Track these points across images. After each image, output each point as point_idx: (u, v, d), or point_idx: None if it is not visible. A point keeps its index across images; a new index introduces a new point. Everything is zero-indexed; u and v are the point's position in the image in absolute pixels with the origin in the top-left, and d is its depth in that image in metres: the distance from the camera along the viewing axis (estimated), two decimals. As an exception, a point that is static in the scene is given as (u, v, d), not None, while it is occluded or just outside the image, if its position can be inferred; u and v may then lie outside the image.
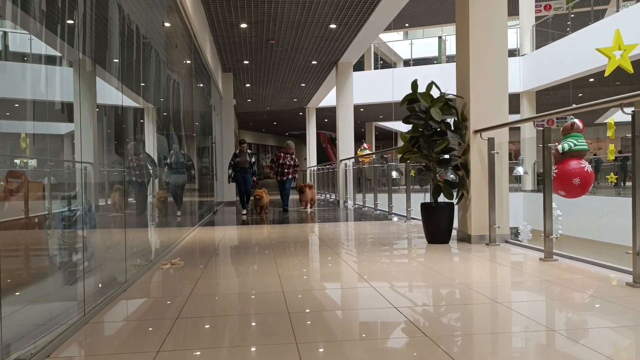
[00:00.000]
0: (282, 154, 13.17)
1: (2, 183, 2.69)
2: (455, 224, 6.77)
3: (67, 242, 3.96)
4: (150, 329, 3.25)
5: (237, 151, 12.63)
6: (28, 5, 3.11)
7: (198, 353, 2.79)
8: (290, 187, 13.44)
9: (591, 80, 18.81)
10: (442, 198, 6.58)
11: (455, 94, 6.77)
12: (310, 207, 13.51)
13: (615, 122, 6.67)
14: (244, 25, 12.26)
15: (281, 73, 17.67)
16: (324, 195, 19.59)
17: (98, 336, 3.19)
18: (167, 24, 7.67)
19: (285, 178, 13.19)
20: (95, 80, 4.48)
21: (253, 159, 12.62)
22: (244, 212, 12.40)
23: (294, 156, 13.31)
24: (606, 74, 6.25)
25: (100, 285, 4.05)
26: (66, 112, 3.90)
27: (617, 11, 17.14)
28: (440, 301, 3.90)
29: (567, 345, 2.81)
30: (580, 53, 16.61)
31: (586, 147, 6.53)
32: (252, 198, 12.47)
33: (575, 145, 6.39)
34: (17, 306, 2.87)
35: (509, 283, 4.61)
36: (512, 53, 20.42)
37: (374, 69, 26.39)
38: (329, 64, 16.59)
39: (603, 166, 19.76)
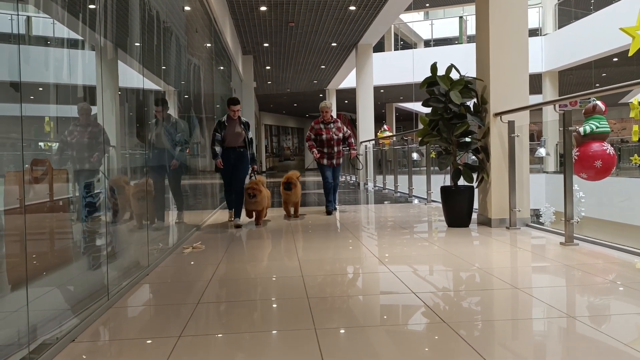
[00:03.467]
0: (322, 124, 8.43)
1: (27, 174, 2.73)
2: (476, 206, 6.75)
3: (90, 226, 4.03)
4: (172, 312, 3.31)
5: (224, 118, 7.40)
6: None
7: (219, 337, 2.84)
8: (340, 173, 8.84)
9: (615, 59, 18.47)
10: (462, 181, 6.56)
11: (475, 76, 6.71)
12: (296, 215, 8.11)
13: (639, 103, 6.58)
14: (263, 8, 12.22)
15: (301, 55, 17.62)
16: (344, 177, 19.59)
17: (121, 320, 3.26)
18: (187, 8, 7.68)
19: (335, 162, 8.48)
20: (117, 64, 4.52)
21: (250, 134, 7.56)
22: (237, 220, 7.36)
23: (339, 124, 8.58)
24: (630, 54, 6.14)
25: (123, 269, 4.11)
26: (89, 96, 3.95)
27: (643, -11, 16.76)
28: (459, 286, 3.91)
29: (587, 332, 2.81)
30: (603, 32, 16.30)
31: (608, 129, 6.44)
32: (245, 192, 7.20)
33: (597, 127, 6.31)
34: (43, 291, 2.94)
35: (529, 268, 4.60)
36: (535, 33, 20.10)
37: (394, 49, 26.15)
38: (349, 45, 16.49)
39: (627, 147, 19.45)
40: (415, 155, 12.84)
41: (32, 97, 3.29)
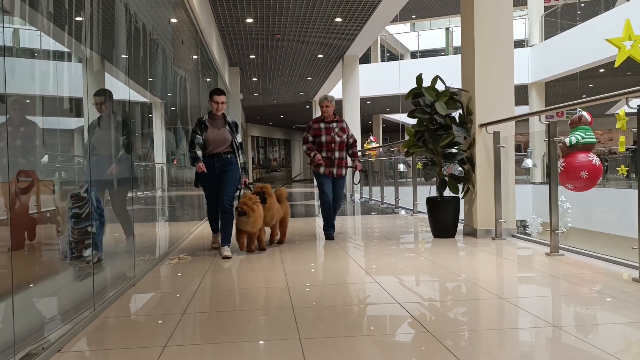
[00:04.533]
0: (322, 123, 6.80)
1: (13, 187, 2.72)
2: (462, 217, 6.79)
3: (76, 237, 4.01)
4: (158, 322, 3.29)
5: (205, 117, 5.99)
6: (37, 3, 3.14)
7: (205, 346, 2.83)
8: (343, 188, 7.17)
9: (601, 70, 18.68)
10: (448, 192, 6.59)
11: (460, 87, 6.77)
12: (280, 240, 6.48)
13: (626, 114, 6.66)
14: (249, 20, 12.25)
15: (287, 67, 17.66)
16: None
17: (107, 331, 3.24)
18: (173, 20, 7.69)
19: (337, 172, 6.78)
20: (103, 76, 4.52)
21: (239, 137, 6.08)
22: (225, 250, 5.65)
23: (344, 124, 6.99)
24: (616, 65, 6.23)
25: (109, 280, 4.09)
26: (75, 107, 3.94)
27: (628, 0, 17.00)
28: (445, 296, 3.92)
29: (572, 342, 2.83)
30: (590, 43, 16.48)
31: (594, 139, 6.51)
32: (235, 211, 5.71)
33: (583, 138, 6.38)
34: (29, 302, 2.92)
35: (514, 278, 4.62)
36: (521, 44, 20.29)
37: (381, 61, 26.31)
38: (335, 57, 16.56)
39: (614, 158, 19.63)
40: (401, 167, 12.90)
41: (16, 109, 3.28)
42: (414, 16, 27.95)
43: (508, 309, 3.47)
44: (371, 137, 19.61)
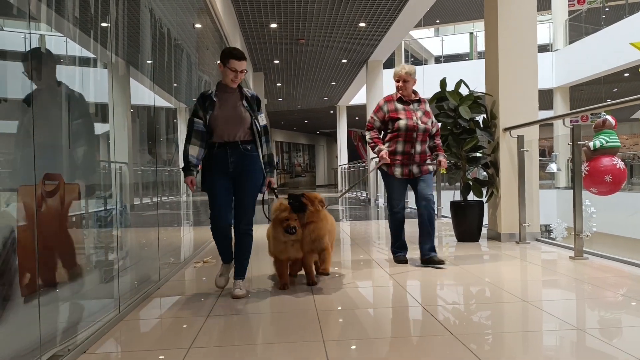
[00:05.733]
0: (401, 104, 5.08)
1: (40, 191, 2.77)
2: (485, 222, 6.74)
3: (102, 241, 4.07)
4: (183, 325, 3.33)
5: (212, 90, 4.14)
6: (62, 9, 3.21)
7: (229, 348, 2.86)
8: (431, 185, 5.30)
9: (626, 75, 18.44)
10: (472, 196, 6.56)
11: (484, 91, 6.74)
12: (323, 272, 4.42)
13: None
14: (274, 25, 12.33)
15: (311, 72, 17.73)
16: (355, 193, 19.57)
17: (132, 333, 3.29)
18: (197, 26, 7.78)
19: (416, 171, 5.09)
20: (129, 81, 4.59)
21: (263, 118, 4.21)
22: (239, 287, 4.05)
23: (427, 106, 5.21)
24: (641, 69, 6.15)
25: (134, 283, 4.15)
26: (100, 113, 4.01)
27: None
28: (469, 300, 3.90)
29: (598, 345, 2.80)
30: (614, 47, 16.28)
31: (619, 143, 6.44)
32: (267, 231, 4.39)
33: (607, 142, 6.32)
34: (55, 304, 2.98)
35: (538, 282, 4.58)
36: (545, 48, 20.09)
37: (405, 66, 26.23)
38: (359, 62, 16.58)
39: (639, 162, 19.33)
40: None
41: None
42: (438, 21, 27.84)
43: (532, 312, 3.44)
44: (395, 142, 19.54)
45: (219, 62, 4.11)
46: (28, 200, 2.56)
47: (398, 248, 5.31)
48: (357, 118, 28.64)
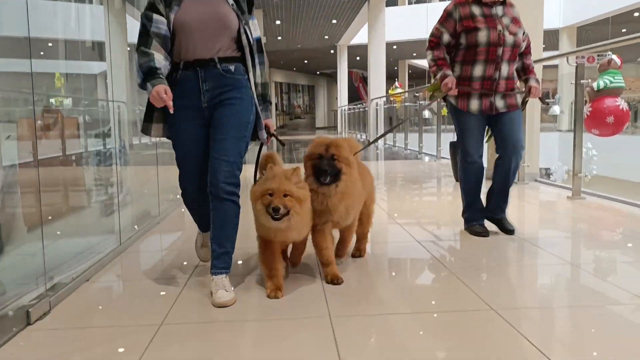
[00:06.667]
0: (478, 7, 3.61)
1: (40, 122, 2.77)
2: (485, 163, 6.74)
3: (102, 177, 4.10)
4: (182, 257, 3.37)
5: None
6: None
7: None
8: (521, 126, 3.77)
9: (636, 14, 18.09)
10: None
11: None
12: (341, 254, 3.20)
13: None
14: (274, -39, 12.05)
15: (312, 9, 17.41)
16: (355, 135, 19.54)
17: (133, 264, 3.35)
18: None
19: (504, 105, 3.67)
20: (125, 18, 4.50)
21: (254, 26, 2.79)
22: (219, 285, 2.55)
23: (515, 11, 3.74)
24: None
25: (134, 217, 4.20)
26: (97, 51, 3.96)
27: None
28: (467, 238, 3.94)
29: (592, 280, 2.85)
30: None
31: (623, 84, 6.37)
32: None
33: (611, 82, 6.24)
34: (59, 236, 3.02)
35: (535, 220, 4.63)
36: (552, -15, 19.64)
37: (408, 4, 25.74)
38: (361, -1, 16.27)
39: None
40: (426, 113, 12.76)
41: (42, 53, 3.31)
42: (442, -42, 27.15)
43: (528, 248, 3.48)
44: (396, 83, 19.38)
45: None
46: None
47: (473, 214, 3.93)
48: (358, 58, 28.30)
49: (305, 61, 32.50)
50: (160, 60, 2.57)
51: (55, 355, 2.02)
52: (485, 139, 3.96)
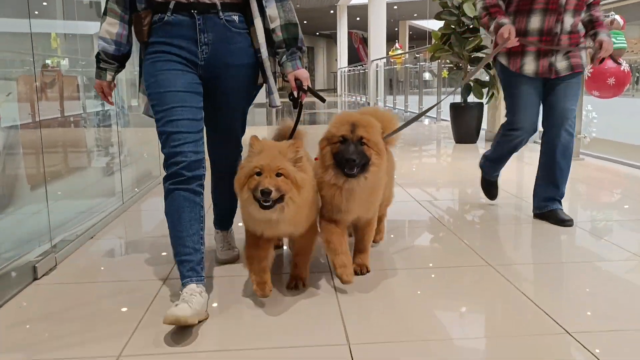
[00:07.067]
0: None
1: (37, 84, 2.77)
2: (484, 125, 6.75)
3: (102, 137, 4.11)
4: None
5: None
6: None
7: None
8: (575, 105, 3.07)
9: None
10: (472, 99, 6.53)
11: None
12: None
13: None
14: None
15: (312, -31, 17.15)
16: (354, 98, 19.45)
17: (135, 222, 3.40)
18: None
19: (568, 65, 2.97)
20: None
21: None
22: (228, 249, 2.60)
23: None
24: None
25: (135, 178, 4.22)
26: (95, 9, 3.92)
27: None
28: (465, 198, 3.98)
29: (589, 239, 2.89)
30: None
31: (625, 45, 6.33)
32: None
33: (613, 43, 6.20)
34: (62, 197, 3.05)
35: (533, 180, 4.64)
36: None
37: (409, -37, 25.37)
38: (362, -42, 16.02)
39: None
40: (427, 75, 12.69)
41: (36, 13, 3.29)
42: None
43: (525, 208, 3.52)
44: (397, 44, 19.22)
45: None
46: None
47: (492, 169, 3.58)
48: (358, 19, 27.99)
49: (305, 22, 32.13)
50: (110, 31, 2.12)
51: (63, 309, 2.07)
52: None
